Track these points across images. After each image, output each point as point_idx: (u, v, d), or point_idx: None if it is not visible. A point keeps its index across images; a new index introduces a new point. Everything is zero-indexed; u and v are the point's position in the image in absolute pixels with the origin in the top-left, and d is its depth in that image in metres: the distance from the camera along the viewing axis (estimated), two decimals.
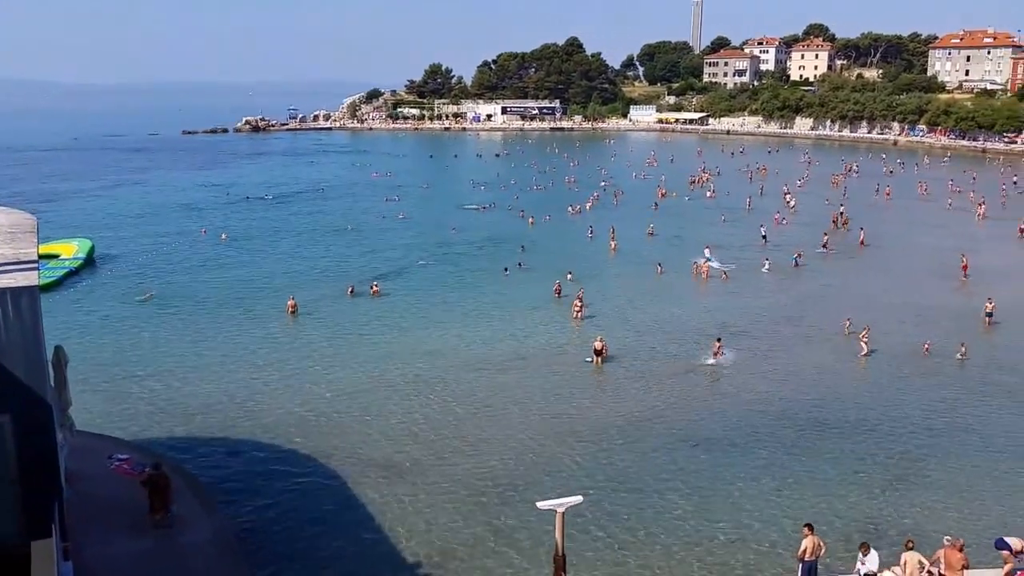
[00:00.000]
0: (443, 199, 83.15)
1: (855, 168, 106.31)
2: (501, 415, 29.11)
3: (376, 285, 45.78)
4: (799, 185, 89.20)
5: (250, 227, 66.60)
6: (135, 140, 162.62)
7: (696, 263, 51.19)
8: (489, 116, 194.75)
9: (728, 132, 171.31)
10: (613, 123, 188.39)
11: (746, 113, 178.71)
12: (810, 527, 18.34)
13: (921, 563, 17.59)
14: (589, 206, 76.12)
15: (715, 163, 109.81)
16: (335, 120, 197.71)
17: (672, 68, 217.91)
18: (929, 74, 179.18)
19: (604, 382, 32.83)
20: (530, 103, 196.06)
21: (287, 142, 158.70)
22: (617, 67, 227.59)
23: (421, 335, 38.29)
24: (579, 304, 40.94)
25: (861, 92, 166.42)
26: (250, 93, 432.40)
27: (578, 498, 17.98)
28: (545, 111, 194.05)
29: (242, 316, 41.08)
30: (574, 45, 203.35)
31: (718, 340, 35.45)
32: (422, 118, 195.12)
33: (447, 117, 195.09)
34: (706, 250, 53.39)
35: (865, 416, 29.22)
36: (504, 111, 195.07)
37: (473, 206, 77.33)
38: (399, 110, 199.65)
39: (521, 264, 52.22)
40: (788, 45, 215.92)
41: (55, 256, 50.67)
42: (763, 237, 60.05)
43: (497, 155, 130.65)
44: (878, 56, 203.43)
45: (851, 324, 38.31)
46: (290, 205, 79.26)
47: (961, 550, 17.47)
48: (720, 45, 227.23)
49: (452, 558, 20.38)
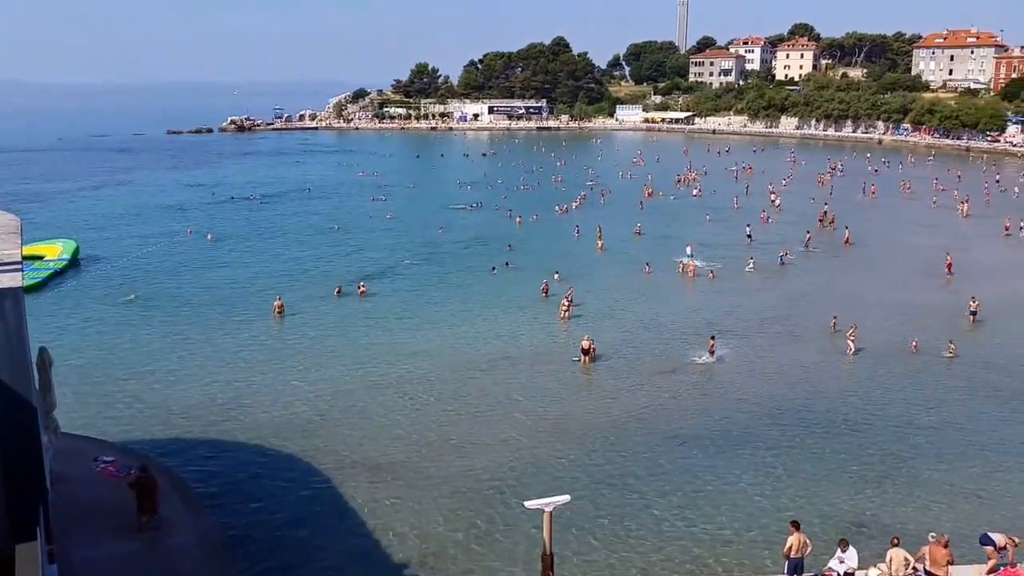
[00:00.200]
0: (430, 199, 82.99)
1: (840, 167, 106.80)
2: (488, 415, 29.11)
3: (363, 285, 45.68)
4: (784, 184, 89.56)
5: (236, 227, 66.30)
6: (119, 140, 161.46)
7: (682, 262, 51.37)
8: (476, 116, 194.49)
9: (714, 131, 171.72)
10: (599, 123, 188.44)
11: (732, 112, 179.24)
12: (796, 524, 18.43)
13: (907, 560, 17.71)
14: (575, 205, 76.22)
15: (701, 162, 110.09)
16: (321, 120, 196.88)
17: (658, 68, 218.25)
18: (913, 73, 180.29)
19: (591, 381, 32.88)
20: (517, 103, 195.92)
21: (273, 142, 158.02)
22: (603, 67, 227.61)
23: (408, 335, 38.25)
24: (566, 303, 41.00)
25: (846, 91, 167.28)
26: (235, 92, 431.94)
27: (566, 497, 17.98)
28: (532, 111, 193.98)
29: (228, 317, 40.89)
30: (560, 45, 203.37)
31: (712, 338, 35.63)
32: (408, 118, 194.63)
33: (434, 117, 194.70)
34: (688, 248, 53.55)
35: (851, 414, 29.39)
36: (491, 111, 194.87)
37: (460, 206, 77.27)
38: (385, 110, 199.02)
39: (508, 263, 52.22)
40: (773, 45, 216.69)
41: (39, 257, 50.28)
42: (748, 236, 60.31)
43: (484, 155, 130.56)
44: (863, 55, 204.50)
45: (837, 322, 38.54)
46: (276, 205, 78.92)
47: (946, 546, 17.60)
48: (706, 45, 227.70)
49: (439, 558, 20.37)
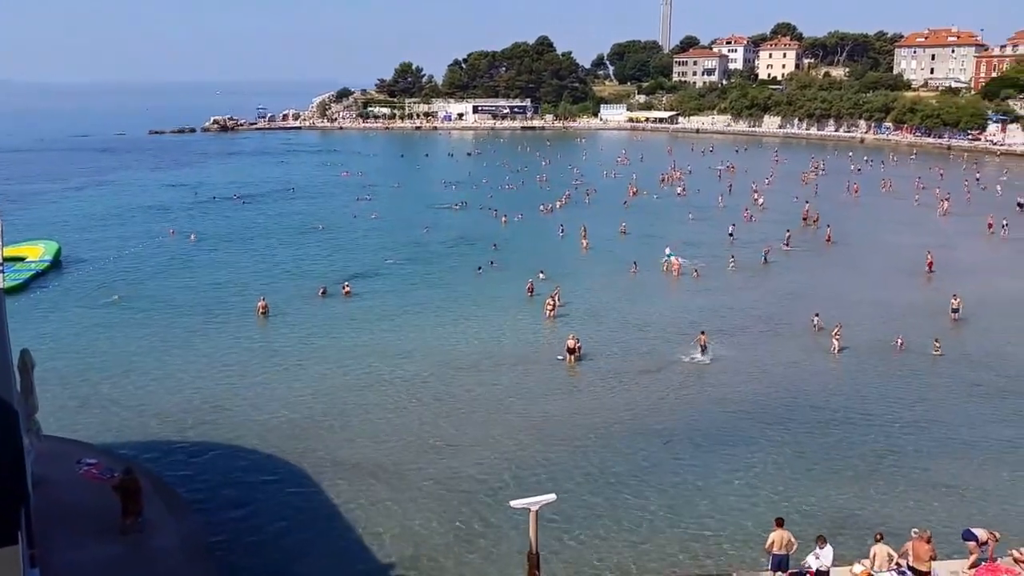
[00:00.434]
0: (415, 198, 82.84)
1: (822, 166, 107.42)
2: (474, 415, 29.10)
3: (348, 285, 45.55)
4: (767, 183, 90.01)
5: (219, 228, 65.95)
6: (102, 140, 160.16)
7: (667, 261, 51.51)
8: (460, 115, 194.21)
9: (698, 131, 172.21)
10: (584, 122, 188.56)
11: (715, 112, 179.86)
12: (780, 522, 18.52)
13: (890, 555, 17.85)
14: (560, 205, 76.28)
15: (685, 162, 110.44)
16: (305, 119, 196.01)
17: (642, 67, 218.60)
18: (895, 72, 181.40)
19: (577, 380, 32.91)
20: (501, 102, 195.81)
21: (256, 142, 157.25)
22: (587, 66, 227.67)
23: (393, 335, 38.17)
24: (552, 303, 41.03)
25: (828, 90, 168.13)
26: (218, 92, 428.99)
27: (551, 496, 18.00)
28: (516, 110, 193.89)
29: (212, 318, 40.68)
30: (544, 44, 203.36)
31: (702, 332, 35.80)
32: (393, 117, 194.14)
33: (418, 116, 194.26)
34: (667, 249, 53.69)
35: (836, 412, 29.55)
36: (475, 110, 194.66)
37: (445, 205, 77.19)
38: (369, 109, 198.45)
39: (493, 263, 52.20)
40: (756, 44, 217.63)
41: (21, 259, 49.78)
42: (730, 235, 60.55)
43: (468, 154, 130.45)
44: (845, 55, 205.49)
45: (819, 320, 38.75)
46: (260, 205, 78.54)
47: (929, 542, 17.72)
48: (689, 44, 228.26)
49: (425, 559, 20.35)
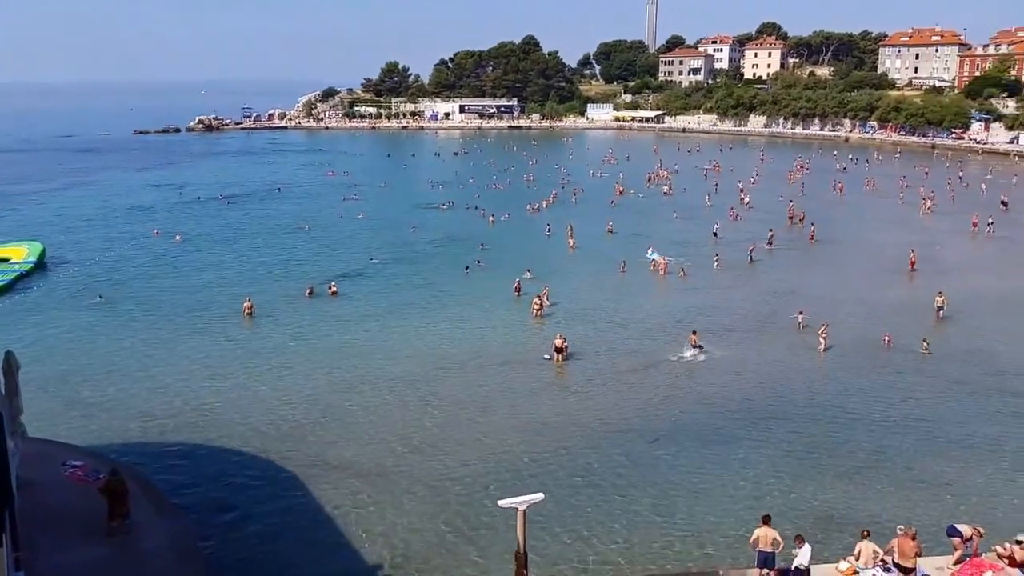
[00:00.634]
0: (402, 198, 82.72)
1: (807, 165, 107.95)
2: (461, 414, 29.11)
3: (334, 285, 45.45)
4: (752, 182, 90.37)
5: (204, 228, 65.64)
6: (86, 140, 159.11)
7: (654, 260, 51.67)
8: (447, 115, 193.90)
9: (684, 130, 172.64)
10: (571, 121, 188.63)
11: (701, 111, 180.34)
12: (766, 519, 18.58)
13: (875, 552, 17.98)
14: (547, 204, 76.33)
15: (672, 161, 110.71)
16: (291, 119, 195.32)
17: (628, 67, 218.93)
18: (879, 71, 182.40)
19: (564, 380, 32.97)
20: (488, 101, 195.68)
21: (241, 141, 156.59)
22: (574, 66, 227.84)
23: (380, 335, 38.13)
24: (538, 303, 41.07)
25: (813, 90, 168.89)
26: (202, 92, 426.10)
27: (539, 495, 18.04)
28: (503, 109, 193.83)
29: (197, 318, 40.50)
30: (531, 44, 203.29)
31: (694, 332, 35.94)
32: (379, 117, 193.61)
33: (405, 116, 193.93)
34: (649, 250, 53.78)
35: (821, 410, 29.72)
36: (462, 109, 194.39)
37: (432, 205, 77.10)
38: (356, 109, 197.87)
39: (480, 262, 52.20)
40: (742, 44, 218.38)
41: (4, 260, 49.59)
42: (714, 234, 60.75)
43: (455, 154, 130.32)
44: (830, 54, 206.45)
45: (804, 317, 38.95)
46: (245, 205, 78.23)
47: (914, 538, 17.86)
48: (675, 44, 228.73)
49: (413, 559, 20.35)
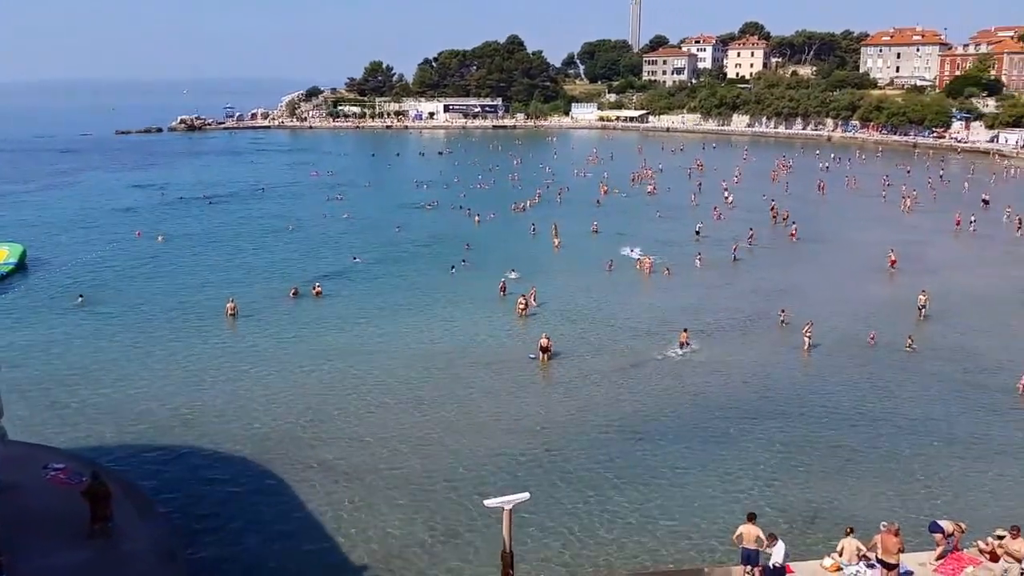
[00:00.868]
0: (386, 198, 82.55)
1: (789, 164, 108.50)
2: (446, 414, 29.06)
3: (319, 286, 45.27)
4: (736, 181, 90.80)
5: (187, 228, 65.25)
6: (66, 141, 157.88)
7: (639, 259, 51.81)
8: (431, 114, 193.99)
9: (668, 129, 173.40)
10: (555, 121, 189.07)
11: (685, 111, 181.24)
12: (752, 517, 18.63)
13: (859, 548, 18.09)
14: (531, 204, 76.39)
15: (656, 160, 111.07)
16: (274, 119, 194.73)
17: (612, 66, 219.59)
18: (861, 71, 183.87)
19: (550, 379, 32.99)
20: (472, 101, 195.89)
21: (224, 141, 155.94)
22: (558, 65, 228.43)
23: (365, 336, 38.01)
24: (523, 302, 41.07)
25: (796, 89, 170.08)
26: (184, 91, 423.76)
27: (525, 495, 18.04)
28: (487, 109, 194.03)
29: (179, 319, 40.24)
30: (515, 43, 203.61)
31: (684, 330, 36.08)
32: (363, 116, 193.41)
33: (389, 115, 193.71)
34: (634, 251, 53.73)
35: (806, 407, 29.85)
36: (446, 109, 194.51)
37: (417, 205, 76.96)
38: (340, 108, 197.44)
39: (466, 262, 52.14)
40: (725, 43, 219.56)
41: None
42: (696, 233, 60.97)
43: (440, 153, 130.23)
44: (812, 53, 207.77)
45: (786, 315, 39.15)
46: (229, 205, 77.85)
47: (897, 534, 17.95)
48: (659, 43, 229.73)
49: (398, 560, 20.30)
